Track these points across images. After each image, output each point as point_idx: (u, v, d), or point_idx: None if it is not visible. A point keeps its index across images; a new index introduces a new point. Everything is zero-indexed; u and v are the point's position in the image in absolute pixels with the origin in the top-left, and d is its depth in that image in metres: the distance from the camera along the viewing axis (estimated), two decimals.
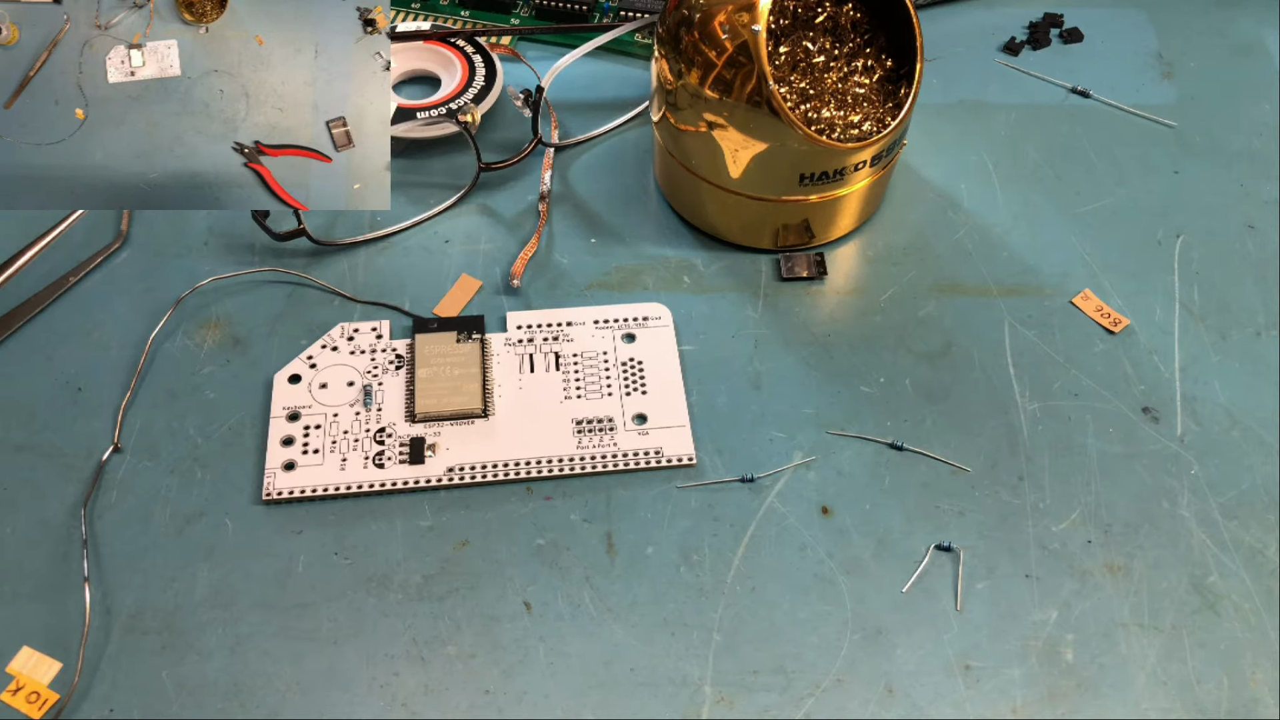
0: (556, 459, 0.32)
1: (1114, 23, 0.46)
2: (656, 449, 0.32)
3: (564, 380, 0.34)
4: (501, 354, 0.34)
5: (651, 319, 0.35)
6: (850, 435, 0.33)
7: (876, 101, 0.35)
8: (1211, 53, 0.44)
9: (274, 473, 0.31)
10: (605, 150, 0.41)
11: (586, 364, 0.34)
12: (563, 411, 0.33)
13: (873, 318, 0.36)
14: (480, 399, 0.33)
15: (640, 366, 0.34)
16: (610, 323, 0.35)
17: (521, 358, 0.34)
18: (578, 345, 0.34)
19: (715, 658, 0.28)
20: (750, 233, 0.37)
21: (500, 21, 0.45)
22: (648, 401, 0.33)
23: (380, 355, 0.34)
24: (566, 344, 0.34)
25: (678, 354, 0.34)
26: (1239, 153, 0.40)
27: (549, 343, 0.34)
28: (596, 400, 0.33)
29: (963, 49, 0.45)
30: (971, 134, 0.41)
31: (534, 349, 0.34)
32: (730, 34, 0.32)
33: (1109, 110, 0.42)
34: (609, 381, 0.34)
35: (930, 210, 0.39)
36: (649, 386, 0.33)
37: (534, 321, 0.35)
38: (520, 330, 0.35)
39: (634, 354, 0.34)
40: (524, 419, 0.33)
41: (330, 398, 0.33)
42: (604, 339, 0.34)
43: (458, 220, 0.39)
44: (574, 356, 0.34)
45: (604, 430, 0.32)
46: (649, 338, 0.34)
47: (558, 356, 0.34)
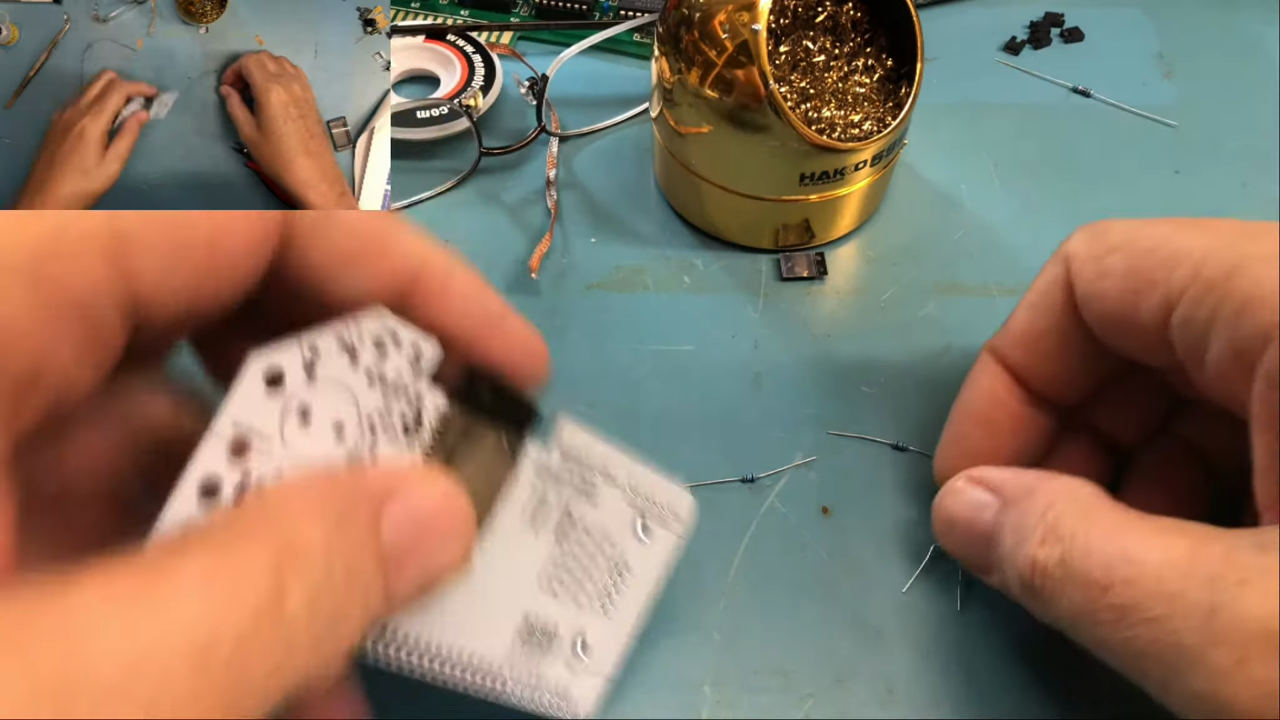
0: (473, 667, 0.23)
1: (1115, 22, 0.46)
2: (560, 690, 0.24)
3: (554, 558, 0.24)
4: (522, 484, 0.23)
5: (670, 517, 0.26)
6: (851, 435, 0.33)
7: (877, 101, 0.35)
8: (1213, 52, 0.44)
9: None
10: (605, 149, 0.41)
11: (587, 546, 0.25)
12: (523, 600, 0.24)
13: (873, 317, 0.36)
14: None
15: (621, 576, 0.25)
16: (641, 497, 0.25)
17: (533, 501, 0.24)
18: (600, 515, 0.25)
19: (715, 658, 0.28)
20: (750, 232, 0.37)
21: (500, 20, 0.45)
22: (602, 626, 0.25)
23: (398, 403, 0.21)
24: (587, 505, 0.24)
25: (661, 579, 0.26)
26: (1240, 152, 0.40)
27: (571, 492, 0.24)
28: (567, 601, 0.24)
29: (963, 48, 0.45)
30: (972, 134, 0.41)
31: (555, 496, 0.24)
32: (730, 33, 0.32)
33: (1110, 110, 0.42)
34: (592, 581, 0.25)
35: (931, 210, 0.39)
36: (614, 607, 0.25)
37: (580, 452, 0.24)
38: (559, 458, 0.24)
39: (633, 556, 0.25)
40: (481, 586, 0.23)
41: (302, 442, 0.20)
42: (625, 520, 0.25)
43: (457, 214, 0.38)
44: (584, 530, 0.24)
45: (540, 647, 0.24)
46: (658, 539, 0.26)
47: (569, 519, 0.24)
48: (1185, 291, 0.23)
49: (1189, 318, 0.23)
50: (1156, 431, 0.29)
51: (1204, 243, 0.23)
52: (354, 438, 0.20)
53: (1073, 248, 0.26)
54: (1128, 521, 0.22)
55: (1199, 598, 0.20)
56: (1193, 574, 0.20)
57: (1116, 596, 0.21)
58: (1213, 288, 0.22)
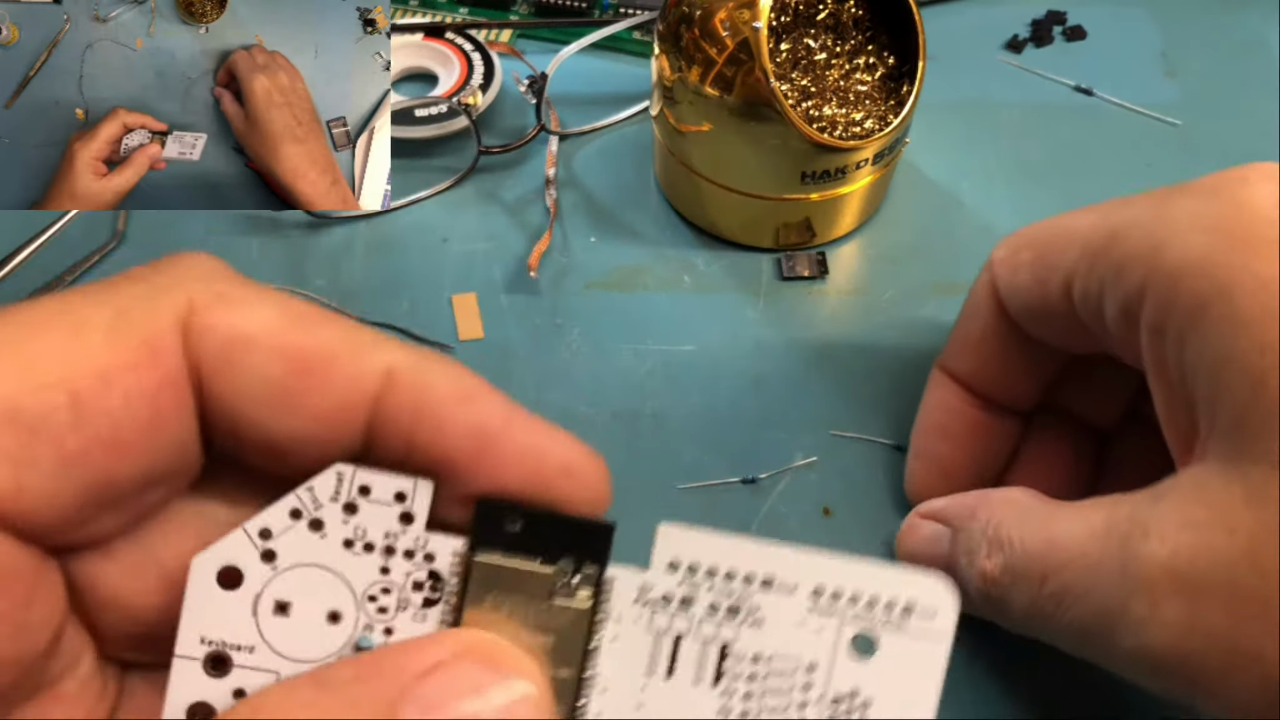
0: None
1: (1117, 20, 0.45)
2: None
3: (723, 710, 0.17)
4: (625, 625, 0.17)
5: (917, 610, 0.17)
6: (852, 436, 0.32)
7: (878, 99, 0.34)
8: (1215, 51, 0.44)
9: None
10: (604, 147, 0.41)
11: (772, 684, 0.17)
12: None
13: (875, 317, 0.35)
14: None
15: (865, 710, 0.17)
16: (842, 599, 0.17)
17: (657, 642, 0.17)
18: (767, 638, 0.17)
19: None
20: (751, 231, 0.37)
21: (499, 17, 0.45)
22: None
23: (400, 564, 0.17)
24: (748, 630, 0.17)
25: (937, 693, 0.18)
26: (1243, 151, 0.40)
27: (715, 618, 0.17)
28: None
29: (965, 46, 0.44)
30: (974, 132, 0.41)
31: (687, 626, 0.17)
32: (731, 31, 0.32)
33: (1112, 108, 0.42)
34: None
35: (932, 209, 0.39)
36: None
37: (704, 561, 0.17)
38: (675, 575, 0.18)
39: (864, 682, 0.17)
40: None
41: (292, 640, 0.17)
42: (817, 635, 0.17)
43: (455, 214, 0.38)
44: (753, 662, 0.17)
45: None
46: (901, 652, 0.17)
47: (724, 654, 0.17)
48: (1076, 267, 0.24)
49: (1084, 291, 0.24)
50: (1131, 411, 0.29)
51: (1089, 219, 0.24)
52: (355, 621, 0.17)
53: (994, 254, 0.27)
54: (1055, 513, 0.23)
55: (1114, 561, 0.21)
56: (1107, 541, 0.21)
57: (1051, 584, 0.22)
58: (1097, 257, 0.23)
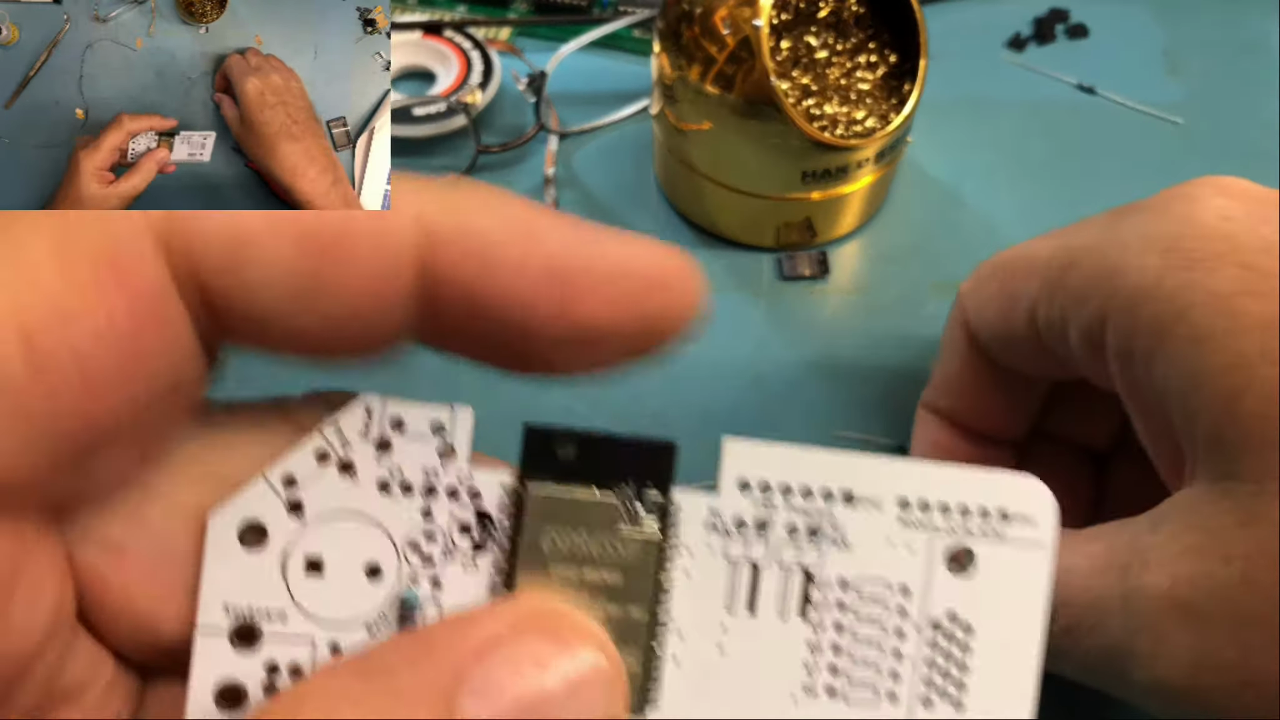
0: None
1: (1120, 18, 0.45)
2: None
3: (812, 645, 0.16)
4: (698, 556, 0.16)
5: (1014, 516, 0.16)
6: (854, 436, 0.32)
7: (880, 98, 0.34)
8: (1218, 49, 0.44)
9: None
10: (604, 146, 0.41)
11: (864, 611, 0.16)
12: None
13: (876, 317, 0.35)
14: (637, 670, 0.16)
15: (968, 635, 0.16)
16: (932, 510, 0.16)
17: (735, 572, 0.16)
18: (854, 560, 0.16)
19: None
20: (751, 231, 0.36)
21: (498, 15, 0.45)
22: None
23: (444, 505, 0.16)
24: (832, 551, 0.16)
25: (1045, 610, 0.16)
26: (1246, 150, 0.40)
27: (795, 541, 0.16)
28: (862, 705, 0.16)
29: (967, 45, 0.44)
30: (976, 131, 0.41)
31: (762, 553, 0.16)
32: (731, 29, 0.32)
33: (1115, 107, 0.42)
34: (898, 665, 0.16)
35: (934, 208, 0.38)
36: (977, 689, 0.16)
37: (777, 478, 0.16)
38: (746, 496, 0.16)
39: (962, 603, 0.16)
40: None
41: (327, 601, 0.15)
42: (909, 552, 0.16)
43: None
44: (841, 588, 0.16)
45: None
46: (1000, 565, 0.16)
47: (808, 580, 0.16)
48: (1039, 296, 0.24)
49: (1048, 320, 0.24)
50: (1125, 430, 0.29)
51: (1049, 246, 0.24)
52: (398, 575, 0.15)
53: (962, 287, 0.27)
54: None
55: (1115, 595, 0.20)
56: (1108, 574, 0.20)
57: (1060, 620, 0.21)
58: (1056, 286, 0.23)
